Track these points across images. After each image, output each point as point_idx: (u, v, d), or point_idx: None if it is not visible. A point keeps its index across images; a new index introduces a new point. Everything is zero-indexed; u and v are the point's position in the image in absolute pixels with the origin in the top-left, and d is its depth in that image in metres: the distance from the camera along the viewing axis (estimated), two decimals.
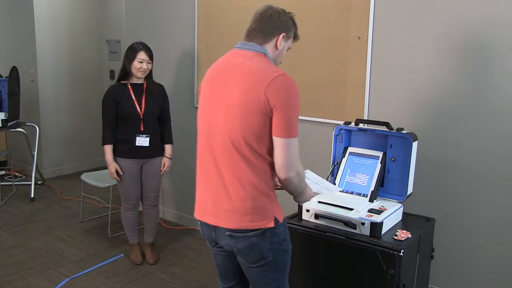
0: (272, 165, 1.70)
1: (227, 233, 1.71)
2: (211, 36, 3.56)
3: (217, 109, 1.70)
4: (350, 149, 2.50)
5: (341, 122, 2.55)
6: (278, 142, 1.63)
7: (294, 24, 1.84)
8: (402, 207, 2.34)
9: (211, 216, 1.75)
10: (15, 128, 4.59)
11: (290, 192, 1.81)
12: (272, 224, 1.70)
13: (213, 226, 1.76)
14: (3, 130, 4.60)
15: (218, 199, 1.71)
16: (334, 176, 2.48)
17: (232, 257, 1.86)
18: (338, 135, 2.52)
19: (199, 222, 1.84)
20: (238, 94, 1.64)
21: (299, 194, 1.84)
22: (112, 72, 5.76)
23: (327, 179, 2.48)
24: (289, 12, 1.82)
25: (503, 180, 2.47)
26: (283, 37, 1.78)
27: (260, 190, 1.68)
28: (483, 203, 2.54)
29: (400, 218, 2.34)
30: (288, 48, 1.85)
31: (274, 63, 1.77)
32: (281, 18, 1.77)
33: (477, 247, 2.59)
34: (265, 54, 1.73)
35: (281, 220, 1.75)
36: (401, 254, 1.95)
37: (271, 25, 1.75)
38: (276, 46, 1.77)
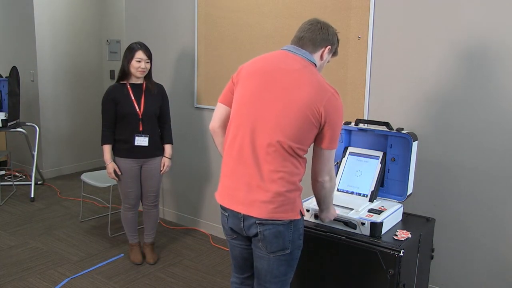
0: (305, 163, 1.83)
1: (257, 221, 1.77)
2: (211, 36, 3.56)
3: (270, 105, 1.74)
4: (350, 149, 2.50)
5: None
6: (322, 152, 1.79)
7: (338, 40, 1.94)
8: (402, 207, 2.34)
9: (241, 205, 1.80)
10: (15, 128, 4.59)
11: (320, 200, 1.96)
12: (298, 216, 1.81)
13: (243, 215, 1.80)
14: (3, 130, 4.60)
15: (253, 190, 1.77)
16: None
17: (250, 249, 1.91)
18: None
19: (225, 212, 1.88)
20: (300, 100, 1.71)
21: (326, 207, 2.01)
22: (112, 72, 5.76)
23: None
24: (335, 28, 1.93)
25: (503, 180, 2.47)
26: (328, 50, 1.88)
27: (295, 185, 1.79)
28: (483, 203, 2.54)
29: (400, 218, 2.33)
30: (327, 62, 1.94)
31: None
32: (330, 31, 1.87)
33: (477, 247, 2.59)
34: (315, 65, 1.83)
35: (304, 213, 1.88)
36: (401, 254, 1.95)
37: (321, 36, 1.84)
38: (321, 56, 1.87)
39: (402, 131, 2.33)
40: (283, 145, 1.72)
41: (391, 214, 2.21)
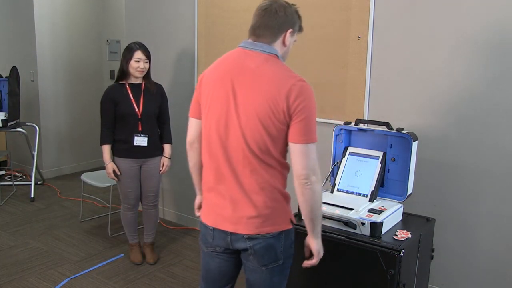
0: (287, 167, 1.70)
1: (246, 236, 1.67)
2: (211, 36, 3.56)
3: (235, 114, 1.61)
4: (350, 149, 2.50)
5: (341, 122, 2.55)
6: (296, 148, 1.59)
7: (299, 17, 1.75)
8: (402, 207, 2.34)
9: (229, 223, 1.69)
10: (15, 128, 4.59)
11: (311, 213, 1.67)
12: (289, 226, 1.72)
13: (230, 232, 1.70)
14: (3, 130, 4.60)
15: (238, 207, 1.66)
16: (334, 176, 2.48)
17: (230, 261, 1.80)
18: (338, 135, 2.51)
19: (210, 228, 1.75)
20: (257, 102, 1.58)
21: (318, 231, 1.73)
22: (112, 72, 5.76)
23: (327, 179, 2.49)
24: (293, 4, 1.73)
25: (503, 180, 2.46)
26: (290, 33, 1.69)
27: (280, 193, 1.68)
28: (483, 203, 2.54)
29: (400, 218, 2.33)
30: (294, 41, 1.76)
31: (283, 60, 1.71)
32: (287, 13, 1.67)
33: (477, 247, 2.59)
34: (276, 55, 1.66)
35: (294, 221, 1.77)
36: (401, 254, 1.95)
37: (278, 21, 1.65)
38: (284, 43, 1.69)
39: (402, 131, 2.33)
40: (257, 154, 1.60)
41: (391, 214, 2.21)
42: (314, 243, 1.75)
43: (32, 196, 4.61)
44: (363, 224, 2.09)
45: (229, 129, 1.63)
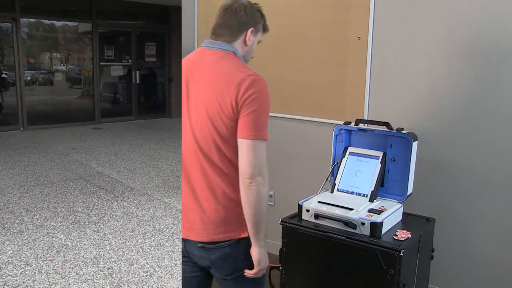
0: None
1: (199, 245, 1.62)
2: None
3: (186, 115, 1.60)
4: (350, 149, 2.49)
5: (341, 122, 2.55)
6: (243, 144, 1.49)
7: (262, 16, 1.71)
8: (402, 207, 2.34)
9: (183, 229, 1.64)
10: None
11: (255, 217, 1.53)
12: (246, 234, 1.60)
13: (183, 238, 1.65)
14: None
15: (190, 212, 1.62)
16: (334, 176, 2.48)
17: (197, 269, 1.73)
18: (338, 135, 2.51)
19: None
20: (207, 100, 1.54)
21: (262, 238, 1.59)
22: None
23: (327, 179, 2.49)
24: (255, 4, 1.69)
25: (503, 179, 2.46)
26: (251, 32, 1.66)
27: (233, 199, 1.58)
28: (483, 203, 2.54)
29: (400, 218, 2.33)
30: (259, 42, 1.74)
31: (244, 60, 1.67)
32: (248, 12, 1.64)
33: (477, 247, 2.58)
34: (234, 53, 1.63)
35: None
36: (401, 254, 1.95)
37: (238, 21, 1.63)
38: (245, 42, 1.66)
39: (402, 131, 2.33)
40: (208, 155, 1.56)
41: (391, 214, 2.21)
42: (255, 252, 1.59)
43: None
44: (363, 224, 2.09)
45: (188, 131, 1.60)
